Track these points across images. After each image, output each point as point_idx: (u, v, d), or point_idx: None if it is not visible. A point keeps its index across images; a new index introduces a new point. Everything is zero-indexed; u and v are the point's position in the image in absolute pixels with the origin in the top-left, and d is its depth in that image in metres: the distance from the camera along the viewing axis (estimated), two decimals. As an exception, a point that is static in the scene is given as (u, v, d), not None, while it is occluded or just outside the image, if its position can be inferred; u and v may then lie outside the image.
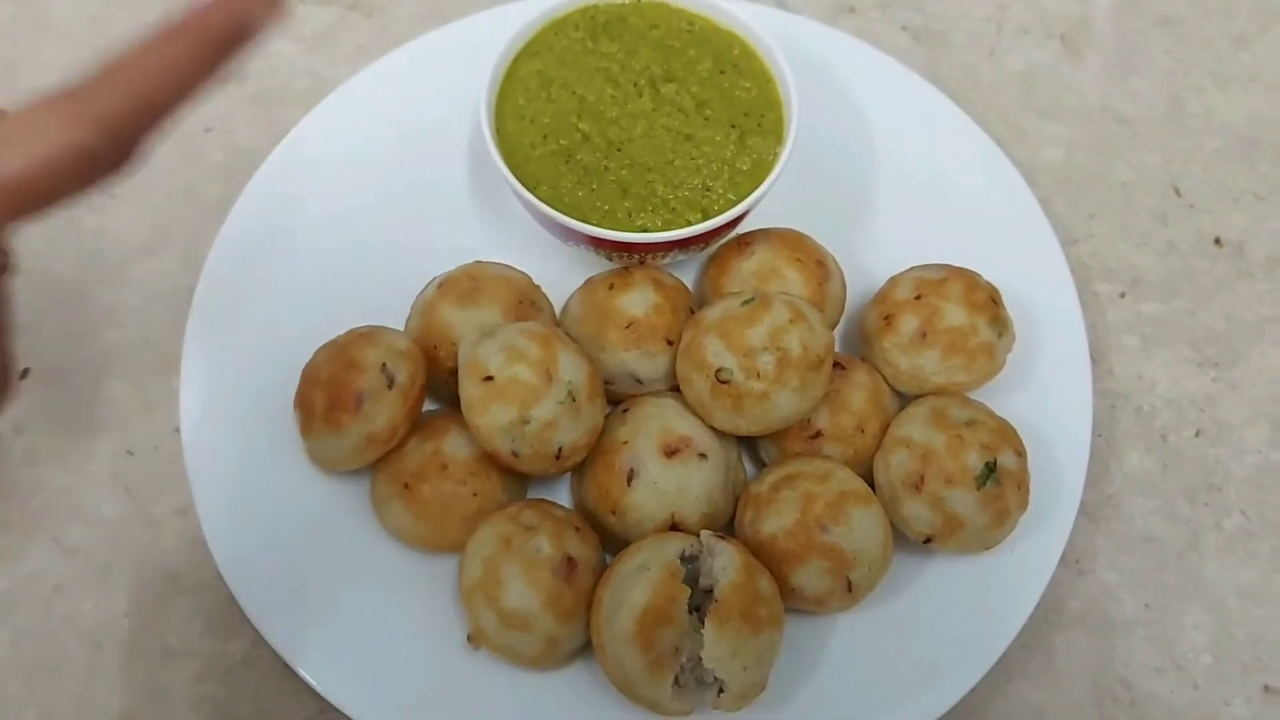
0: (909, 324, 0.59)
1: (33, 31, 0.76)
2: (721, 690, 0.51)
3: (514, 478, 0.58)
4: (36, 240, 0.65)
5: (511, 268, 0.62)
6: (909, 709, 0.55)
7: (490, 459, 0.56)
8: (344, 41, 0.76)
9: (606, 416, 0.58)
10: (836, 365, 0.59)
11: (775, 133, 0.61)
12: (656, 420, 0.57)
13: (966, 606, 0.57)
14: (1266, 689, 0.59)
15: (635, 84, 0.61)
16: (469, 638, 0.54)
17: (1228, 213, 0.72)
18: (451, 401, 0.58)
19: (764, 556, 0.54)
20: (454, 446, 0.57)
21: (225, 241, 0.64)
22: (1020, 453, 0.56)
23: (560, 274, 0.64)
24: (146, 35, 0.34)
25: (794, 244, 0.62)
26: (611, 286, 0.60)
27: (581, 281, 0.63)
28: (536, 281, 0.62)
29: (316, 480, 0.59)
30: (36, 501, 0.61)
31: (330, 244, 0.65)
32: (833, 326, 0.63)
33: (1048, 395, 0.62)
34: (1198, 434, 0.65)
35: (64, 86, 0.34)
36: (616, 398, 0.60)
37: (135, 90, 0.34)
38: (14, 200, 0.33)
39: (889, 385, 0.61)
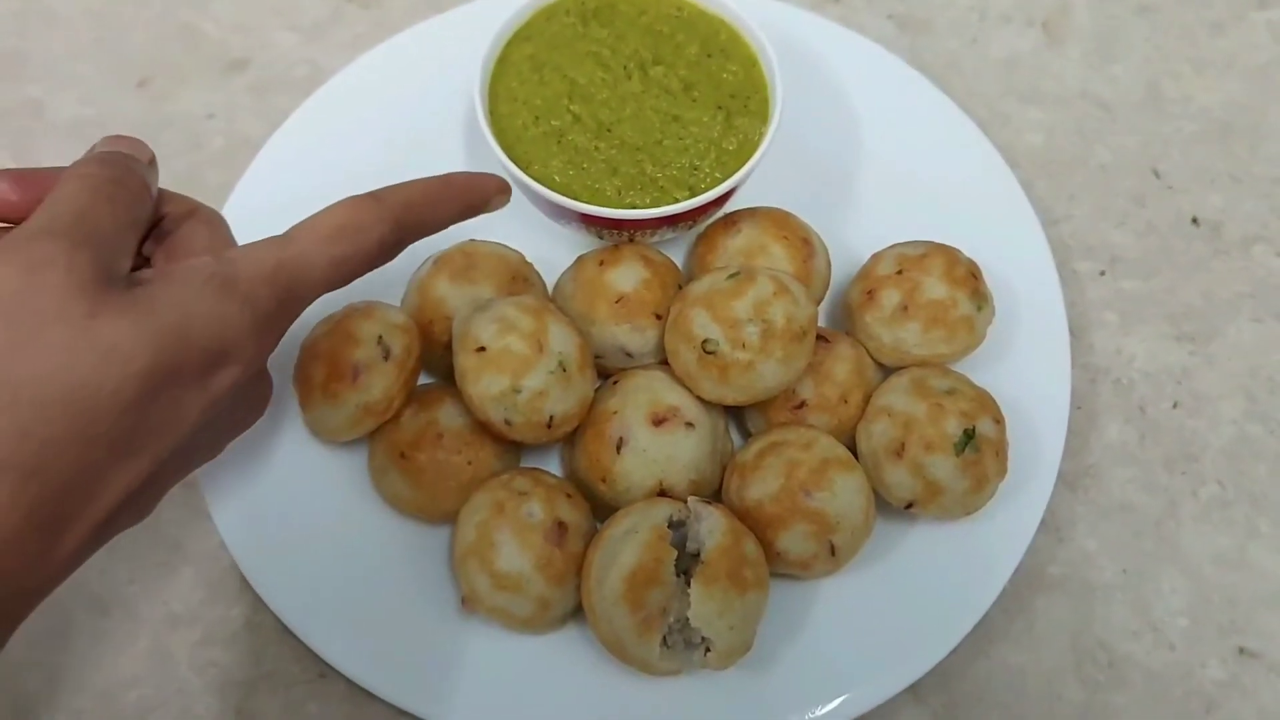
0: (890, 298, 0.61)
1: (39, 22, 0.78)
2: (708, 650, 0.52)
3: (507, 447, 0.59)
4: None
5: (505, 246, 0.64)
6: (892, 670, 0.56)
7: (484, 429, 0.57)
8: (341, 31, 0.78)
9: (596, 389, 0.59)
10: (821, 339, 0.61)
11: (761, 114, 0.63)
12: (645, 391, 0.58)
13: (948, 571, 0.58)
14: (1241, 650, 0.60)
15: (625, 67, 0.63)
16: (463, 601, 0.55)
17: (1205, 194, 0.73)
18: (447, 377, 0.59)
19: (749, 522, 0.56)
20: (449, 417, 0.58)
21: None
22: (999, 420, 0.58)
23: (552, 252, 0.65)
24: (435, 179, 0.49)
25: (780, 222, 0.64)
26: (602, 263, 0.62)
27: (573, 259, 0.64)
28: (529, 259, 0.64)
29: (315, 451, 0.60)
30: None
31: (328, 225, 0.66)
32: (818, 302, 0.64)
33: (1028, 368, 0.63)
34: (1175, 406, 0.66)
35: (375, 192, 0.47)
36: (606, 371, 0.62)
37: (420, 213, 0.48)
38: (338, 273, 0.45)
39: (872, 358, 0.62)
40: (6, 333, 0.37)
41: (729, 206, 0.64)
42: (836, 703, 0.55)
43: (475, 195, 0.51)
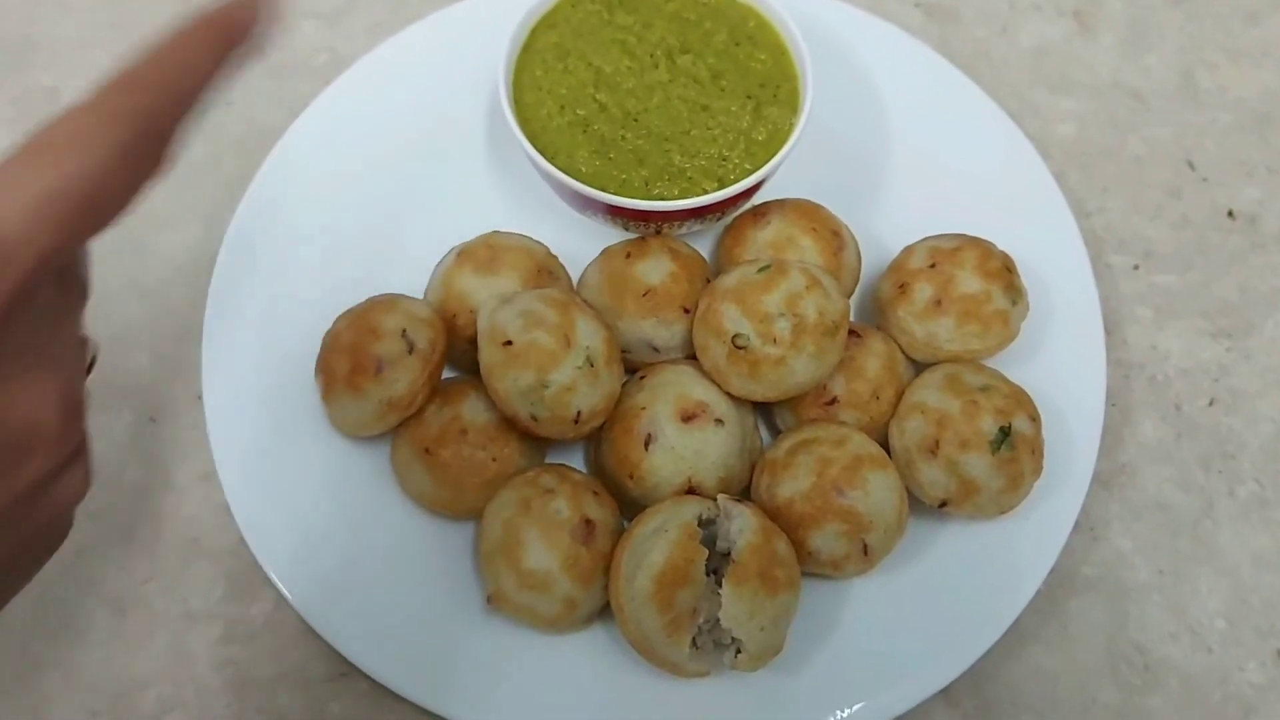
0: (923, 292, 0.60)
1: (51, 9, 0.77)
2: (739, 651, 0.51)
3: (532, 444, 0.58)
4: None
5: (529, 238, 0.63)
6: (924, 672, 0.55)
7: (509, 424, 0.56)
8: (360, 17, 0.76)
9: (624, 384, 0.58)
10: (852, 334, 0.59)
11: (791, 104, 0.62)
12: (674, 386, 0.57)
13: (981, 571, 0.57)
14: (1280, 654, 0.59)
15: (651, 55, 0.62)
16: (488, 599, 0.54)
17: (1241, 186, 0.72)
18: (471, 370, 0.58)
19: (781, 520, 0.54)
20: (473, 412, 0.57)
21: (246, 213, 0.64)
22: (1034, 418, 0.57)
23: (577, 244, 0.64)
24: (163, 35, 0.34)
25: (809, 214, 0.62)
26: (628, 255, 0.61)
27: (598, 251, 0.63)
28: (554, 251, 0.63)
29: (338, 446, 0.59)
30: (60, 469, 0.61)
31: (349, 215, 0.65)
32: (848, 296, 0.63)
33: (1062, 364, 0.62)
34: (1211, 403, 0.65)
35: (93, 90, 0.32)
36: (633, 366, 0.61)
37: (162, 83, 0.34)
38: (68, 212, 0.30)
39: (904, 353, 0.61)
40: None
41: (757, 198, 0.63)
42: (867, 705, 0.54)
43: (233, 28, 0.36)
